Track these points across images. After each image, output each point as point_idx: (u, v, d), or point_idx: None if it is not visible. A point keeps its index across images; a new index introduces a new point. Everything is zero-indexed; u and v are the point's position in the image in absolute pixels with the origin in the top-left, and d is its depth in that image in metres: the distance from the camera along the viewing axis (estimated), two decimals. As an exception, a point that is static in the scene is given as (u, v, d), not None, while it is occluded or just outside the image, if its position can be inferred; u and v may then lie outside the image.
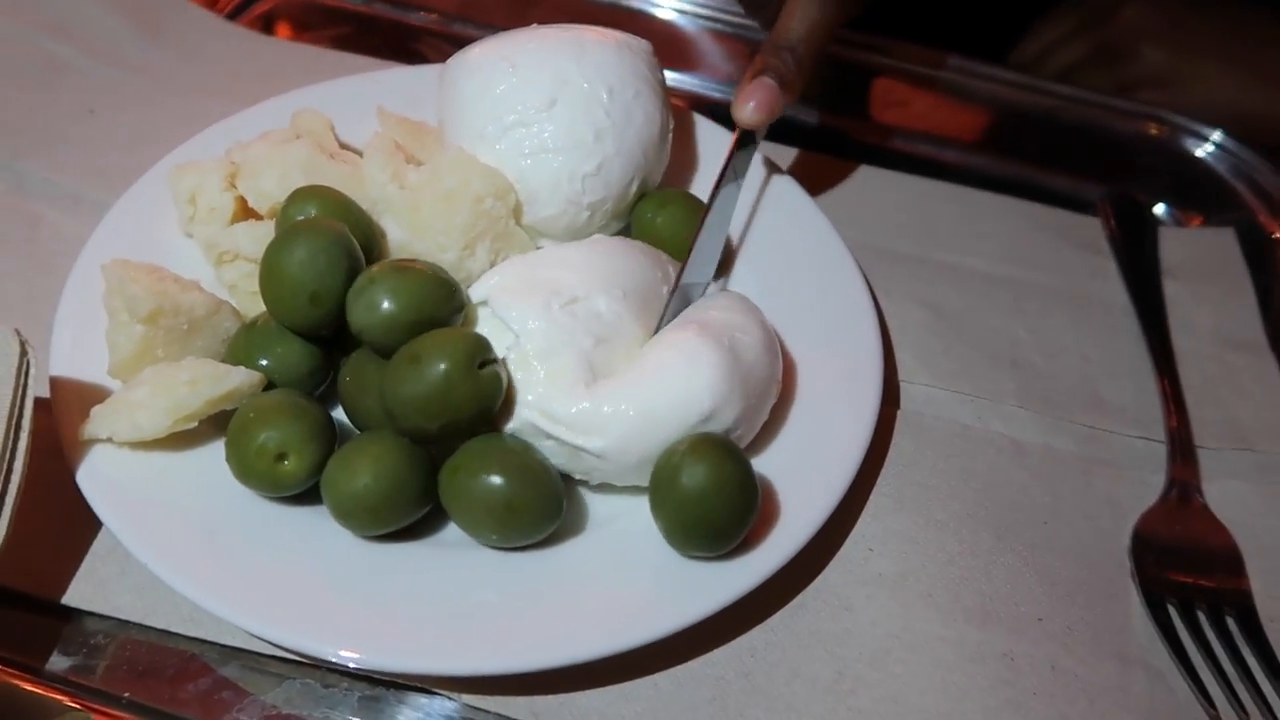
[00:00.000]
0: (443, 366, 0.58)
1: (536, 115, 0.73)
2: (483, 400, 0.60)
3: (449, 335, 0.61)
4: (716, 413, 0.62)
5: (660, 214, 0.78)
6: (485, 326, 0.66)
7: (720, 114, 0.90)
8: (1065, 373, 0.82)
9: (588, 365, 0.62)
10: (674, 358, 0.63)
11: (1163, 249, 0.93)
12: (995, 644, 0.64)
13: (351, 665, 0.56)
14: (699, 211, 0.76)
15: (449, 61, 0.80)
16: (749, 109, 0.76)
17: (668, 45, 1.10)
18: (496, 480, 0.59)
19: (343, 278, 0.63)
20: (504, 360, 0.62)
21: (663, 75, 0.81)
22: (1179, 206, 1.01)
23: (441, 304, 0.63)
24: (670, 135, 0.81)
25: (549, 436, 0.62)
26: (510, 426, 0.63)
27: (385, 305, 0.61)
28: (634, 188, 0.77)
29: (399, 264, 0.65)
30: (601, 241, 0.71)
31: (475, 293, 0.67)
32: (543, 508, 0.60)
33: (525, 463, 0.61)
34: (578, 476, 0.65)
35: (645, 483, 0.63)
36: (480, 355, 0.60)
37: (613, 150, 0.74)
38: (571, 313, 0.64)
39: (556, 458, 0.63)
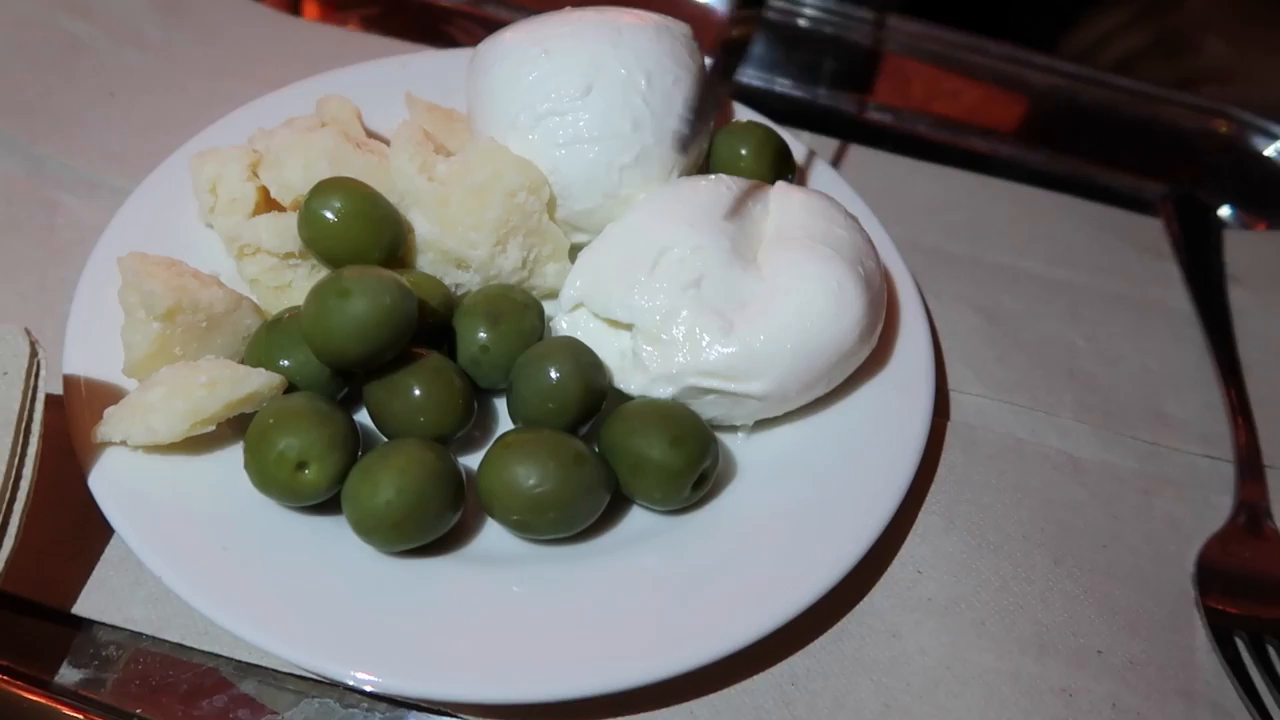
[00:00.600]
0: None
1: (571, 103, 0.69)
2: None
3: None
4: (851, 312, 0.63)
5: (744, 146, 0.77)
6: (591, 326, 0.65)
7: (759, 102, 0.86)
8: (1125, 384, 0.78)
9: (710, 309, 0.62)
10: (818, 291, 0.63)
11: (1228, 253, 0.89)
12: (1052, 678, 0.61)
13: (369, 688, 0.53)
14: (781, 144, 0.77)
15: (479, 47, 0.76)
16: None
17: (704, 33, 1.05)
18: (547, 457, 0.58)
19: (399, 343, 0.60)
20: (635, 350, 0.63)
21: (703, 60, 0.77)
22: (1245, 208, 0.96)
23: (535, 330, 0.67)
24: (712, 123, 0.77)
25: (709, 392, 0.62)
26: (667, 394, 0.63)
27: (483, 335, 0.65)
28: (673, 179, 0.73)
29: (492, 297, 0.67)
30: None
31: (566, 299, 0.65)
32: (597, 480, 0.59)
33: (570, 442, 0.60)
34: (737, 423, 0.65)
35: (804, 402, 0.65)
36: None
37: (651, 140, 0.71)
38: (662, 274, 0.63)
39: (716, 409, 0.64)
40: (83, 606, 0.58)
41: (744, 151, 0.77)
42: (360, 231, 0.65)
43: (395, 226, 0.67)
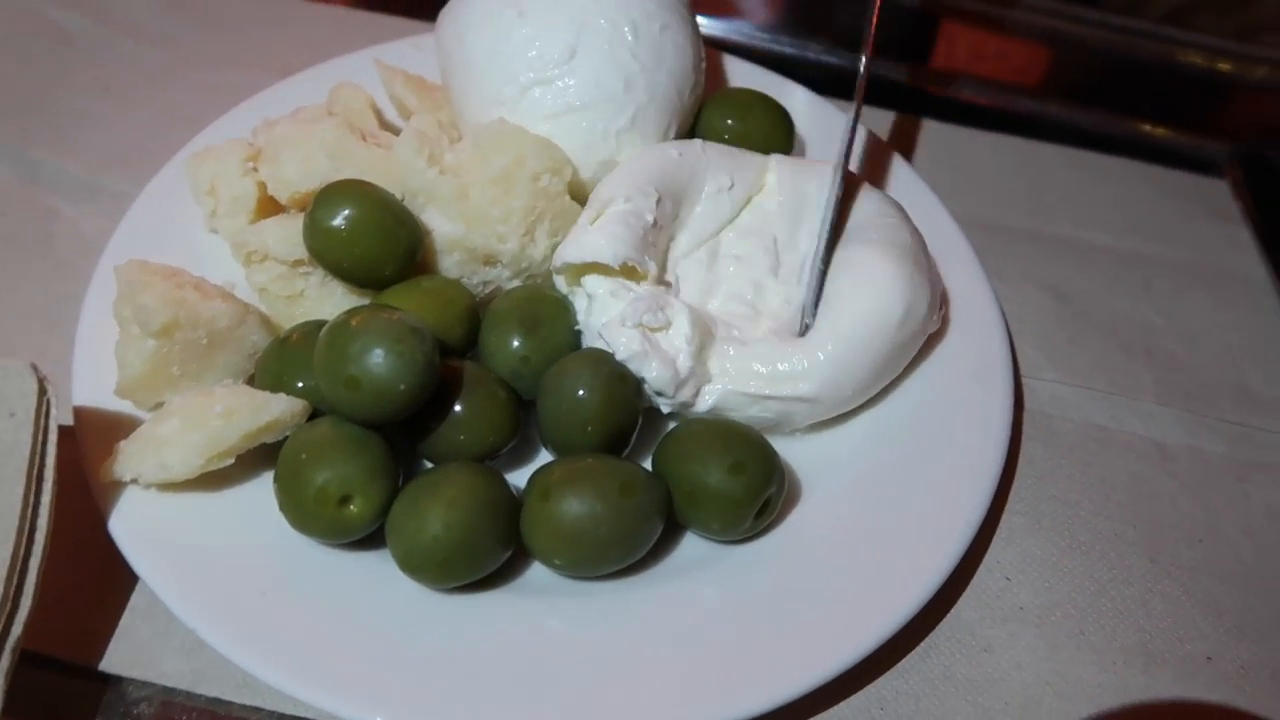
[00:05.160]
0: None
1: (557, 70, 0.64)
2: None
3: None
4: (909, 310, 0.59)
5: (742, 120, 0.72)
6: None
7: (793, 71, 0.81)
8: (1207, 362, 0.73)
9: (737, 305, 0.61)
10: (856, 278, 0.60)
11: (1302, 214, 0.83)
12: (1163, 690, 0.56)
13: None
14: (778, 111, 0.72)
15: (444, 12, 0.69)
16: None
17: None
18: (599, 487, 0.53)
19: (425, 396, 0.53)
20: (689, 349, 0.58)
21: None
22: (1316, 165, 0.90)
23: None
24: (704, 66, 0.71)
25: (760, 399, 0.58)
26: (707, 405, 0.58)
27: (517, 344, 0.60)
28: (671, 135, 0.68)
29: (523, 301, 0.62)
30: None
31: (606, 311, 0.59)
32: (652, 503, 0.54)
33: (612, 470, 0.54)
34: (787, 430, 0.61)
35: (863, 400, 0.61)
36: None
37: (645, 98, 0.65)
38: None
39: (767, 414, 0.59)
40: (110, 661, 0.53)
41: (730, 122, 0.71)
42: (373, 242, 0.59)
43: (411, 232, 0.60)
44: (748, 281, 0.62)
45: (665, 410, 0.60)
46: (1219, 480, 0.66)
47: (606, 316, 0.58)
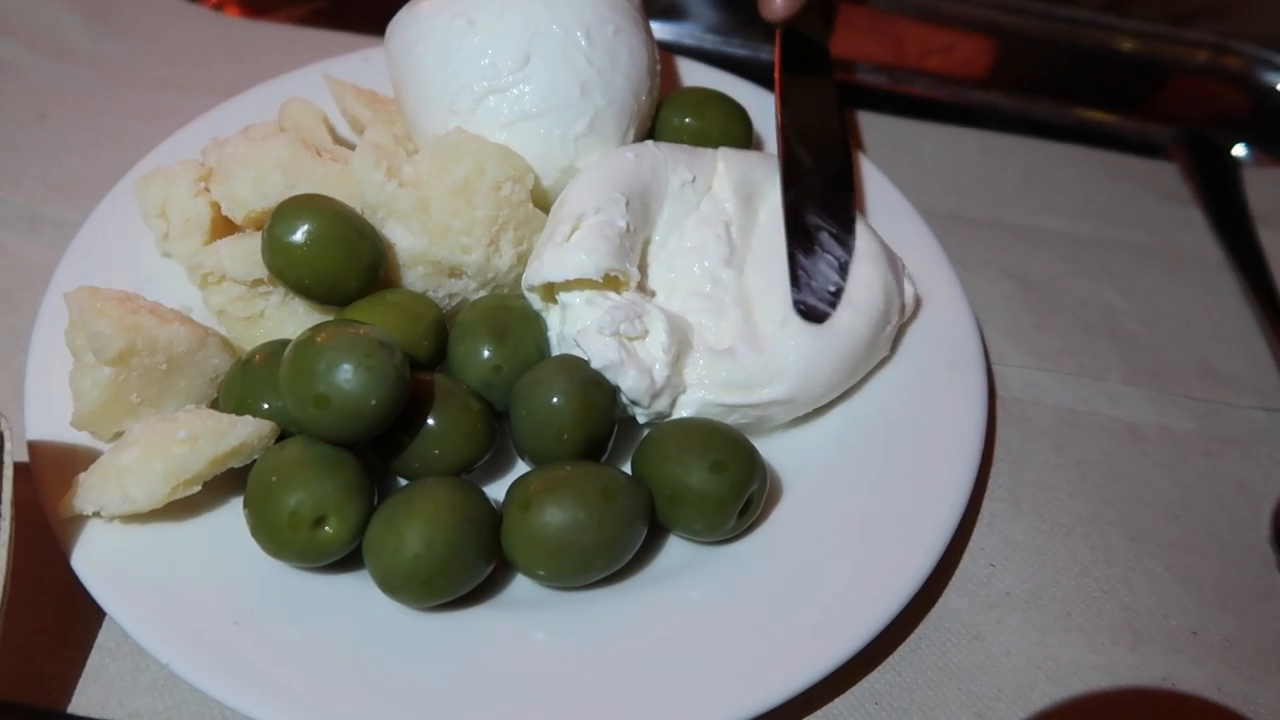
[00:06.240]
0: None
1: (510, 77, 0.63)
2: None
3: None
4: (884, 309, 0.60)
5: (700, 118, 0.71)
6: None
7: (747, 72, 0.81)
8: (1169, 341, 0.74)
9: (703, 307, 0.60)
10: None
11: (1249, 194, 0.85)
12: (1151, 668, 0.56)
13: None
14: (735, 108, 0.72)
15: (393, 24, 0.67)
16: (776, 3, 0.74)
17: None
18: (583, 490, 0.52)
19: (397, 411, 0.52)
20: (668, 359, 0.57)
21: (640, 2, 0.70)
22: (1260, 146, 0.92)
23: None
24: (659, 68, 0.70)
25: (737, 408, 0.58)
26: (689, 414, 0.58)
27: (488, 354, 0.58)
28: (630, 138, 0.67)
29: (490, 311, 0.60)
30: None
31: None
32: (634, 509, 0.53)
33: (591, 476, 0.53)
34: (766, 429, 0.61)
35: (833, 397, 0.61)
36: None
37: (602, 102, 0.64)
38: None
39: (745, 419, 0.59)
40: (79, 704, 0.51)
41: (689, 120, 0.71)
42: (335, 256, 0.57)
43: (374, 245, 0.59)
44: (705, 274, 0.61)
45: (641, 420, 0.59)
46: (1189, 457, 0.67)
47: (581, 324, 0.57)
